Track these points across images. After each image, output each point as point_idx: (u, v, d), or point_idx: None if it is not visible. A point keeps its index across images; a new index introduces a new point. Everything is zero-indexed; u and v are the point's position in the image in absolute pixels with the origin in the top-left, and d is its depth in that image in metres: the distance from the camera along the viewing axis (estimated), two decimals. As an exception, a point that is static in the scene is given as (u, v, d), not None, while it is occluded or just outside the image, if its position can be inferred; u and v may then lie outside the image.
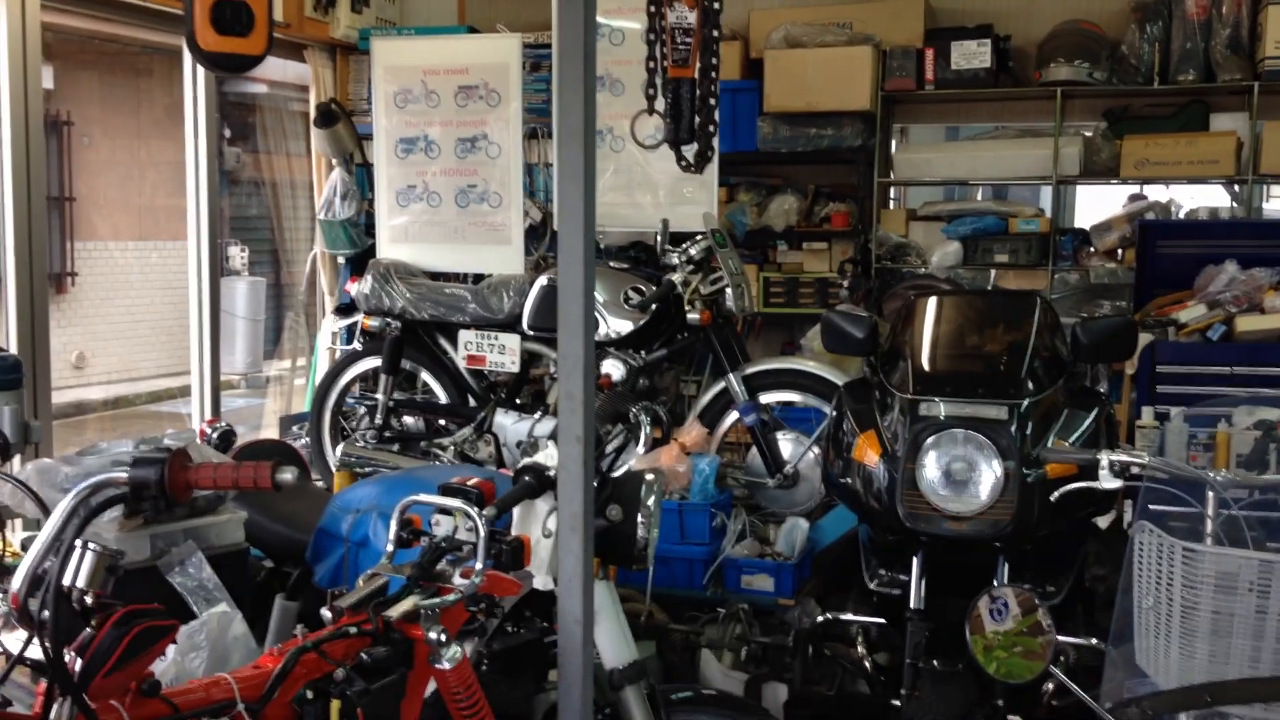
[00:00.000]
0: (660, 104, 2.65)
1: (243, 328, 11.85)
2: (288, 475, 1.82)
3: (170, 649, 2.45)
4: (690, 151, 2.73)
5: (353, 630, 2.06)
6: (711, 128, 2.62)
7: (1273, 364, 4.07)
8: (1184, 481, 2.55)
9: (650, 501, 2.65)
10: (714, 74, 2.60)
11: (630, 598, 3.95)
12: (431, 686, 2.25)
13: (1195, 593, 2.22)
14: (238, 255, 12.17)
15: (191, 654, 2.56)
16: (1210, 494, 2.47)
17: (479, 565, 2.20)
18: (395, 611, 2.12)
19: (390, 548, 2.29)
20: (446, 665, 2.16)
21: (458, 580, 2.23)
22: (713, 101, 2.60)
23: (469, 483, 2.35)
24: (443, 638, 2.15)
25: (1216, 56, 5.66)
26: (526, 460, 2.62)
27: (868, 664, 3.64)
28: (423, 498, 2.32)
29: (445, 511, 2.31)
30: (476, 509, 2.26)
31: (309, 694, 2.01)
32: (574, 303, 2.27)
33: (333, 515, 3.16)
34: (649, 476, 2.69)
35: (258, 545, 3.34)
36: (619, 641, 2.67)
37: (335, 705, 1.97)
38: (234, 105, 11.01)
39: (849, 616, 3.69)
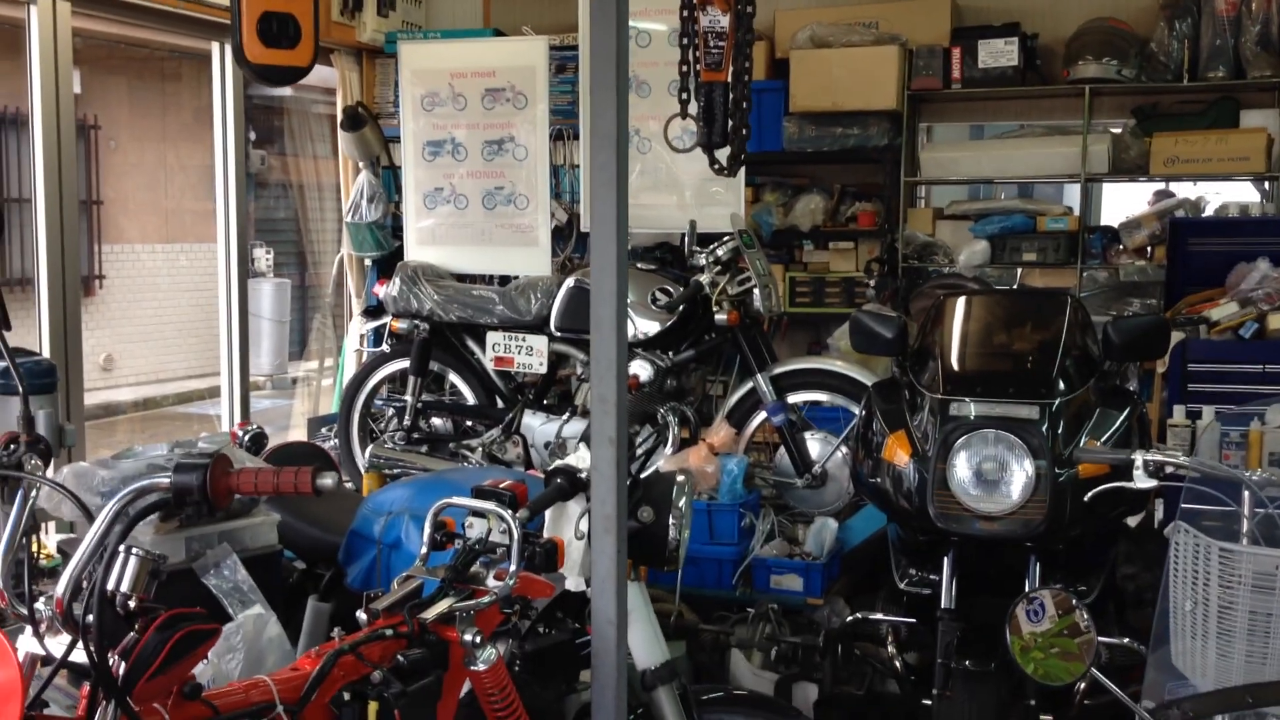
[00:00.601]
0: (693, 107, 2.66)
1: (268, 329, 11.93)
2: (329, 481, 1.84)
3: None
4: (723, 155, 2.73)
5: (389, 632, 2.07)
6: (745, 131, 2.62)
7: (1306, 362, 4.04)
8: (1219, 481, 2.53)
9: (681, 502, 2.66)
10: (746, 77, 2.61)
11: (660, 598, 3.96)
12: (466, 687, 2.27)
13: (1232, 593, 2.21)
14: (263, 257, 12.26)
15: (228, 655, 2.59)
16: (1246, 493, 2.45)
17: (513, 567, 2.21)
18: (431, 614, 2.13)
19: (425, 550, 2.30)
20: (482, 667, 2.17)
21: (492, 582, 2.24)
22: (746, 105, 2.60)
23: (502, 485, 2.36)
24: (478, 639, 2.16)
25: (1246, 53, 5.62)
26: (558, 462, 2.63)
27: (898, 664, 3.63)
28: (456, 500, 2.33)
29: (479, 514, 2.32)
30: (510, 511, 2.27)
31: (346, 696, 2.02)
32: (607, 306, 2.28)
33: (365, 517, 3.18)
34: (680, 478, 2.70)
35: (290, 547, 3.36)
36: (651, 642, 2.68)
37: (373, 707, 1.98)
38: (259, 108, 11.07)
39: (879, 616, 3.68)
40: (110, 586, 1.74)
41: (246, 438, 3.82)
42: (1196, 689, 2.18)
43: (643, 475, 2.72)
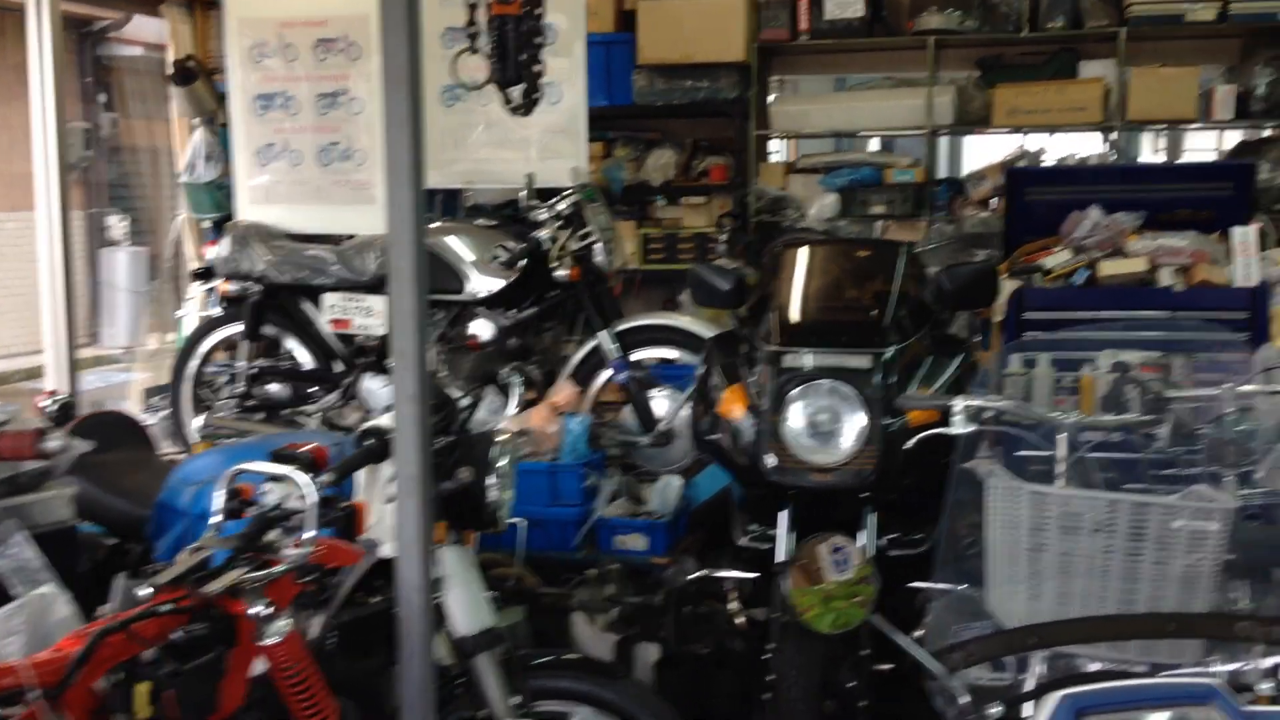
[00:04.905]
0: (484, 42, 2.54)
1: (125, 300, 11.44)
2: (54, 444, 1.69)
3: (-19, 634, 2.30)
4: (517, 92, 2.61)
5: (164, 608, 1.94)
6: (536, 66, 2.51)
7: (1135, 306, 4.09)
8: (1036, 425, 2.54)
9: (501, 462, 2.57)
10: (539, 10, 2.49)
11: (501, 561, 3.87)
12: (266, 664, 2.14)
13: (1042, 535, 2.21)
14: (118, 225, 11.73)
15: (9, 638, 2.40)
16: (1061, 436, 2.46)
17: (307, 534, 2.10)
18: (214, 586, 2.01)
19: (218, 519, 2.18)
20: (272, 640, 2.05)
21: (288, 551, 2.12)
22: (538, 40, 2.48)
23: (301, 448, 2.24)
24: (268, 612, 2.04)
25: (1085, 4, 5.70)
26: (368, 423, 2.52)
27: (740, 620, 3.60)
28: (250, 465, 2.21)
29: (277, 479, 2.21)
30: (308, 475, 2.16)
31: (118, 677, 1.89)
32: (404, 257, 2.16)
33: (173, 488, 3.04)
34: (500, 436, 2.61)
35: (99, 521, 3.18)
36: (472, 608, 2.58)
37: (143, 688, 1.85)
38: (110, 69, 10.59)
39: (722, 573, 3.64)
40: None
41: (55, 407, 3.59)
42: (983, 631, 2.17)
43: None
